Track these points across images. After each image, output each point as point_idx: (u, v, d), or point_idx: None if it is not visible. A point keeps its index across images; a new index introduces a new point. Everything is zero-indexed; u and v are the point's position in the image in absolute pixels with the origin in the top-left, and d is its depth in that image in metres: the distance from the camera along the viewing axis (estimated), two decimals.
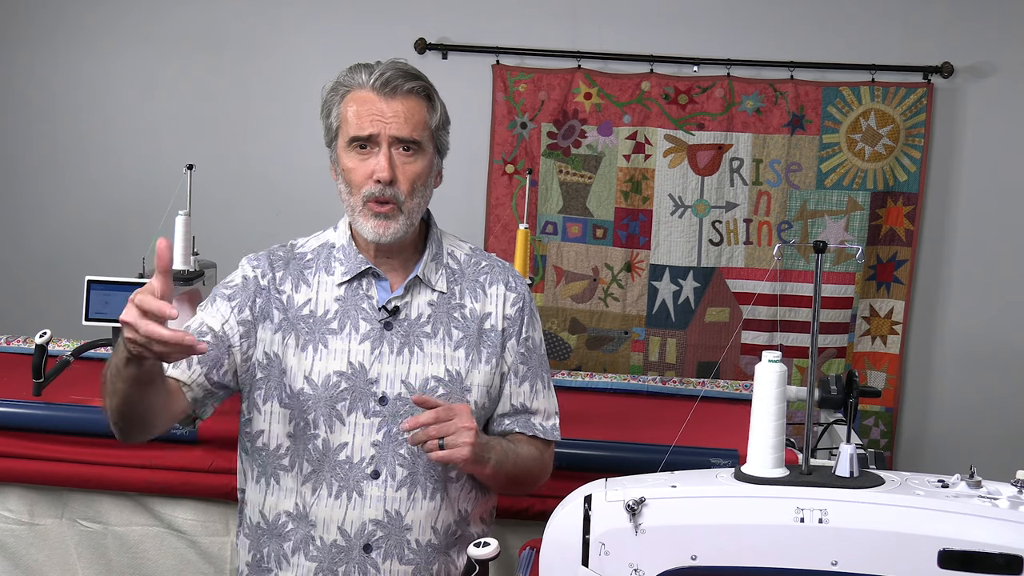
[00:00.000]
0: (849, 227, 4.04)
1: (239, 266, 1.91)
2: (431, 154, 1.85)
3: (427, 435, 1.71)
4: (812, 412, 1.57)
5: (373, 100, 1.80)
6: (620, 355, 4.17)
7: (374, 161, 1.80)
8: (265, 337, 1.85)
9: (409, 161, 1.81)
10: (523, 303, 1.93)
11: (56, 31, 4.31)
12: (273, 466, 1.86)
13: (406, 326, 1.85)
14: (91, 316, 2.60)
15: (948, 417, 4.15)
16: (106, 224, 4.31)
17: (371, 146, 1.80)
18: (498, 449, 1.83)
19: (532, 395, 1.94)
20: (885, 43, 4.04)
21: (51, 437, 2.43)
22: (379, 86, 1.80)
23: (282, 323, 1.85)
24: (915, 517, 1.40)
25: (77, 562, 2.48)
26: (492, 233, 4.18)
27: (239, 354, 1.84)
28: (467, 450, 1.72)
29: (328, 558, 1.83)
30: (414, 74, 1.83)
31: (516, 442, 1.91)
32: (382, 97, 1.80)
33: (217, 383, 1.83)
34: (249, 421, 1.88)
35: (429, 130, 1.84)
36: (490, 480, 1.88)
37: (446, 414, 1.72)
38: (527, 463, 1.91)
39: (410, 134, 1.80)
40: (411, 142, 1.81)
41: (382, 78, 1.80)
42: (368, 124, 1.79)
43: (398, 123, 1.79)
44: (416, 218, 1.85)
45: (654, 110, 4.08)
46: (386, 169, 1.78)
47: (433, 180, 1.89)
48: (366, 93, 1.81)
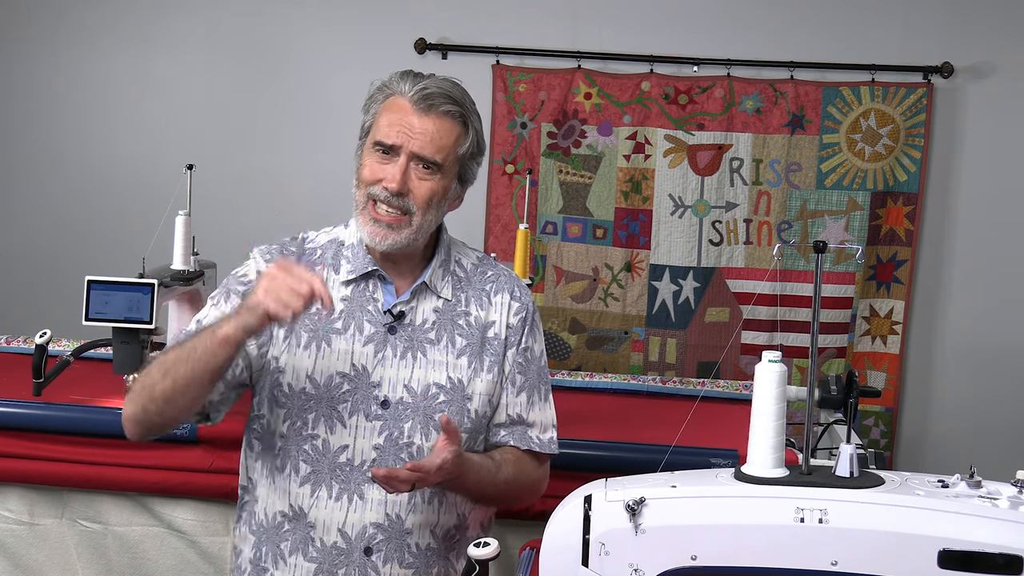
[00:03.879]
0: (849, 227, 4.04)
1: (251, 258, 1.90)
2: (451, 179, 1.84)
3: (404, 479, 1.71)
4: (812, 412, 1.57)
5: (407, 111, 1.80)
6: (620, 355, 4.17)
7: (390, 169, 1.79)
8: (279, 332, 1.84)
9: (425, 178, 1.80)
10: (526, 313, 1.93)
11: (56, 31, 4.31)
12: (270, 466, 1.86)
13: (410, 331, 1.85)
14: (91, 316, 2.59)
15: (948, 417, 4.15)
16: (106, 224, 4.30)
17: (392, 154, 1.80)
18: (472, 475, 1.81)
19: (529, 406, 1.92)
20: (885, 43, 4.04)
21: (51, 437, 2.43)
22: (417, 99, 1.79)
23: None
24: (915, 517, 1.40)
25: (77, 562, 2.48)
26: (492, 233, 4.18)
27: (255, 349, 1.83)
28: (434, 480, 1.74)
29: (328, 560, 1.83)
30: (455, 98, 1.82)
31: (503, 461, 1.88)
32: (417, 111, 1.79)
33: (231, 383, 1.83)
34: (261, 418, 1.87)
35: (455, 155, 1.82)
36: (467, 498, 1.89)
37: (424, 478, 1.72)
38: (507, 486, 1.89)
39: (432, 155, 1.79)
40: (432, 163, 1.80)
41: (422, 92, 1.79)
42: (395, 134, 1.79)
43: (423, 141, 1.79)
44: (423, 234, 1.84)
45: (654, 110, 4.08)
46: (397, 180, 1.78)
47: (448, 203, 1.88)
48: (403, 102, 1.80)
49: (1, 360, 2.93)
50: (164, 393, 1.73)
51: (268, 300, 1.64)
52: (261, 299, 1.65)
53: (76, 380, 2.63)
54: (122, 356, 2.61)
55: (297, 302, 1.63)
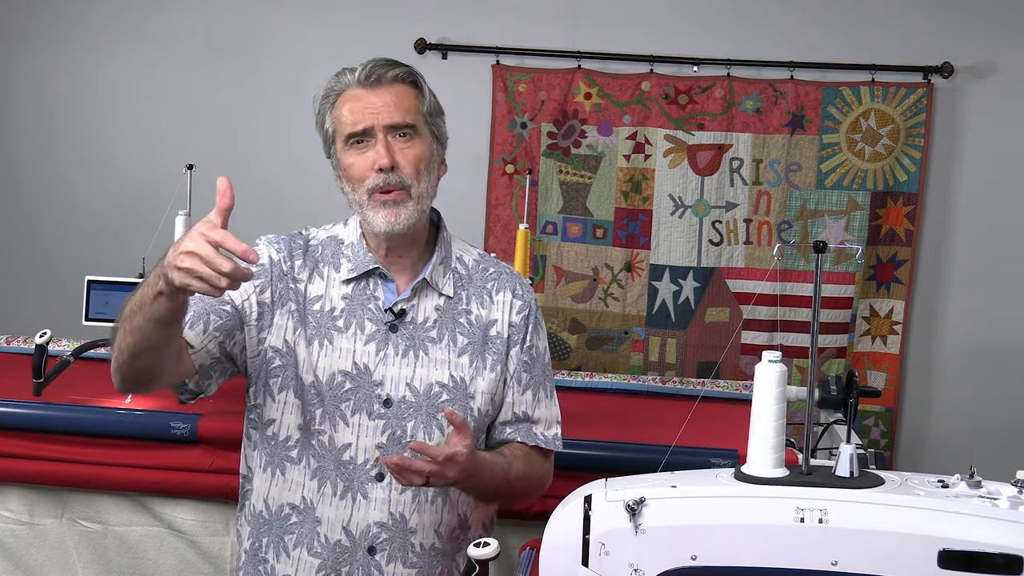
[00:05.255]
0: (849, 227, 4.04)
1: (258, 243, 1.88)
2: (428, 139, 1.84)
3: (417, 469, 1.67)
4: (812, 412, 1.57)
5: (362, 95, 1.81)
6: (620, 355, 4.17)
7: (372, 153, 1.79)
8: (283, 324, 1.83)
9: (408, 146, 1.81)
10: (529, 311, 1.92)
11: (55, 29, 4.31)
12: (280, 457, 1.85)
13: (412, 329, 1.85)
14: (91, 316, 2.60)
15: (948, 417, 4.15)
16: (106, 224, 4.31)
17: (367, 140, 1.80)
18: (487, 473, 1.80)
19: (535, 404, 1.93)
20: (885, 43, 4.04)
21: (51, 437, 2.42)
22: (364, 80, 1.81)
23: (294, 312, 1.83)
24: (915, 517, 1.40)
25: (77, 562, 2.48)
26: (492, 233, 4.18)
27: (254, 332, 1.82)
28: (453, 475, 1.70)
29: (332, 557, 1.82)
30: (397, 62, 1.84)
31: (513, 457, 1.89)
32: (370, 90, 1.80)
33: (227, 354, 1.80)
34: (257, 408, 1.86)
35: (422, 115, 1.83)
36: (479, 498, 1.89)
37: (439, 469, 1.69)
38: (519, 482, 1.89)
39: (403, 119, 1.80)
40: (406, 127, 1.81)
41: (365, 71, 1.81)
42: (361, 118, 1.79)
43: (389, 111, 1.79)
44: (426, 204, 1.84)
45: (654, 110, 4.08)
46: (385, 155, 1.78)
47: (437, 167, 1.87)
48: (354, 91, 1.82)
49: (1, 360, 2.93)
50: (129, 347, 1.65)
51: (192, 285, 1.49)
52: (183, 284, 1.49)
53: (76, 380, 2.63)
54: None
55: (220, 281, 1.48)
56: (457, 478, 1.72)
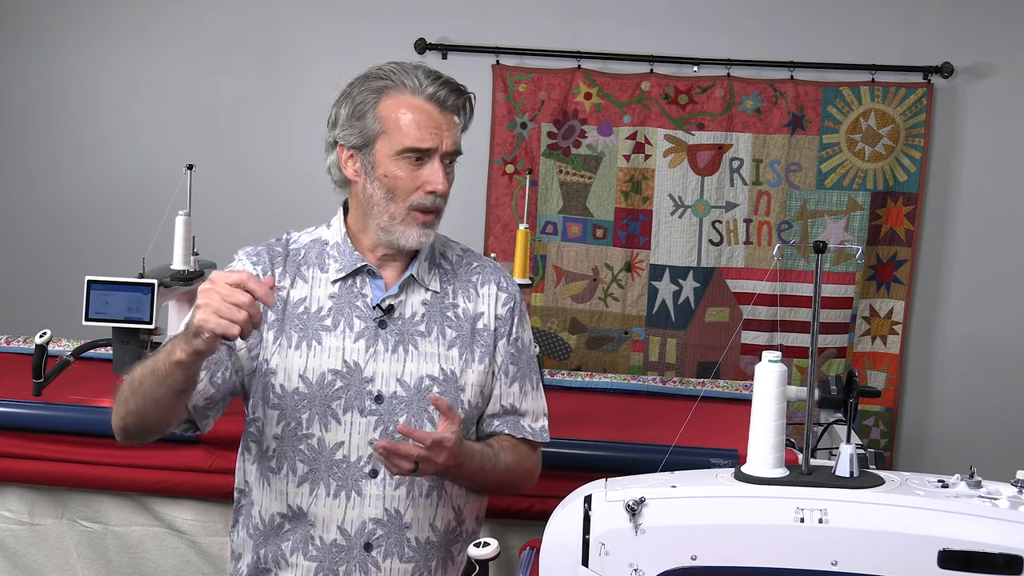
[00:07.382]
0: (849, 227, 4.04)
1: (236, 259, 1.89)
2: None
3: (405, 453, 1.69)
4: (812, 412, 1.57)
5: (430, 111, 1.79)
6: (620, 355, 4.17)
7: (427, 172, 1.80)
8: (268, 337, 1.84)
9: (451, 172, 1.84)
10: (514, 303, 1.93)
11: (54, 29, 4.31)
12: (263, 468, 1.86)
13: (400, 324, 1.85)
14: (91, 316, 2.60)
15: (948, 417, 4.15)
16: (106, 224, 4.31)
17: (425, 157, 1.80)
18: (475, 462, 1.81)
19: (522, 396, 1.93)
20: (885, 43, 4.04)
21: (51, 437, 2.43)
22: (433, 95, 1.79)
23: (274, 323, 1.84)
24: (915, 517, 1.40)
25: (77, 562, 2.48)
26: (492, 233, 4.18)
27: (246, 353, 1.83)
28: (442, 460, 1.72)
29: (328, 557, 1.83)
30: (462, 89, 1.84)
31: (501, 448, 1.89)
32: (438, 108, 1.80)
33: (222, 389, 1.81)
34: (251, 421, 1.88)
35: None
36: (469, 487, 1.90)
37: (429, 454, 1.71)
38: (507, 473, 1.89)
39: (457, 147, 1.83)
40: (456, 154, 1.83)
41: (435, 86, 1.79)
42: (428, 137, 1.78)
43: (452, 137, 1.81)
44: None
45: (654, 110, 4.08)
46: (443, 182, 1.80)
47: None
48: (419, 101, 1.79)
49: (1, 360, 2.93)
50: (136, 409, 1.73)
51: (210, 321, 1.55)
52: (201, 323, 1.56)
53: (76, 380, 2.63)
54: (122, 356, 2.61)
55: (239, 314, 1.55)
56: (446, 464, 1.73)
